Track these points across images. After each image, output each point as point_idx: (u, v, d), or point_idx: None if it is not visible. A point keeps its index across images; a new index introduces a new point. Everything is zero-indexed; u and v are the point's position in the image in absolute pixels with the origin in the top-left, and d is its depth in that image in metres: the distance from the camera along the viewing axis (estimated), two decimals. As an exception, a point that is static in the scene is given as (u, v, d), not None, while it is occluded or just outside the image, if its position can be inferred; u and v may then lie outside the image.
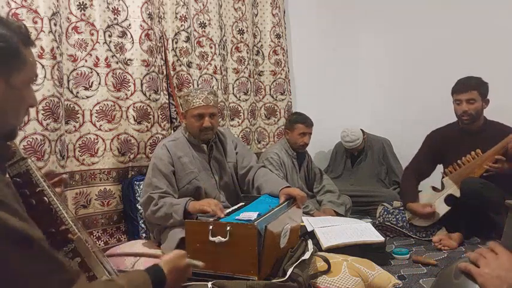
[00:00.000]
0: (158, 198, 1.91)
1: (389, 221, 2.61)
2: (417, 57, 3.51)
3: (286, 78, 3.42)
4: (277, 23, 3.37)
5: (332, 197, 2.89)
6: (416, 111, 3.45)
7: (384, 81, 3.77)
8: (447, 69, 3.08)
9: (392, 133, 3.53)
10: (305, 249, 1.74)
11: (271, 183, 2.05)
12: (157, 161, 2.02)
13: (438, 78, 3.14)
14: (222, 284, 1.39)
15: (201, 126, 2.04)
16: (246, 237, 1.44)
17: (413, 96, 3.51)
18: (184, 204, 1.82)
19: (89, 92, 2.33)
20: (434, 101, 3.13)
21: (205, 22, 2.88)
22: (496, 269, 0.78)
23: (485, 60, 2.91)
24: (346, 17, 3.86)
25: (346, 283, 1.64)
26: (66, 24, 2.26)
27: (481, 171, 2.34)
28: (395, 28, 3.63)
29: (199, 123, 2.04)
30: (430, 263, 2.05)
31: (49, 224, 0.92)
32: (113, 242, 2.38)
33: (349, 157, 3.53)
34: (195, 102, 2.04)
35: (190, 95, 2.07)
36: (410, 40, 3.55)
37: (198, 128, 2.05)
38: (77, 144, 2.30)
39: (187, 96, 2.08)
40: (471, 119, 2.41)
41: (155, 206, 1.91)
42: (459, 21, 3.18)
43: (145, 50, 2.46)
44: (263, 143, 3.38)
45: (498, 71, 2.79)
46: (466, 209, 2.35)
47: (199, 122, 2.04)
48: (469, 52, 3.09)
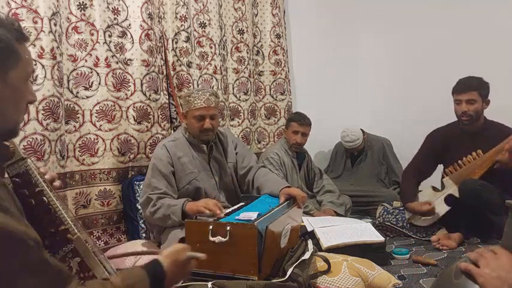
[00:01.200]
0: (156, 199, 1.91)
1: (389, 221, 2.61)
2: (417, 57, 3.50)
3: (286, 78, 3.42)
4: (277, 23, 3.37)
5: (332, 197, 2.89)
6: (416, 111, 3.45)
7: (383, 81, 3.77)
8: (447, 69, 3.08)
9: (392, 133, 3.53)
10: (305, 249, 1.74)
11: (271, 183, 2.05)
12: (156, 162, 2.02)
13: (438, 78, 3.14)
14: (222, 284, 1.39)
15: (202, 127, 2.05)
16: (246, 237, 1.44)
17: (413, 96, 3.51)
18: (181, 206, 1.82)
19: (89, 92, 2.33)
20: (434, 101, 3.13)
21: (205, 22, 2.88)
22: (497, 269, 0.78)
23: (485, 60, 2.91)
24: (346, 17, 3.86)
25: (346, 283, 1.64)
26: (66, 24, 2.26)
27: (481, 172, 2.34)
28: (395, 28, 3.63)
29: (200, 124, 2.04)
30: (430, 263, 2.05)
31: (48, 224, 0.92)
32: (113, 242, 2.38)
33: (349, 157, 3.53)
34: (197, 103, 2.04)
35: (191, 95, 2.07)
36: (410, 40, 3.54)
37: (199, 129, 2.05)
38: (77, 144, 2.30)
39: (188, 97, 2.08)
40: (470, 119, 2.41)
41: (153, 207, 1.91)
42: (459, 21, 3.18)
43: (145, 50, 2.46)
44: (263, 143, 3.38)
45: (498, 71, 2.78)
46: (466, 209, 2.35)
47: (200, 123, 2.04)
48: (469, 52, 3.09)
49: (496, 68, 2.81)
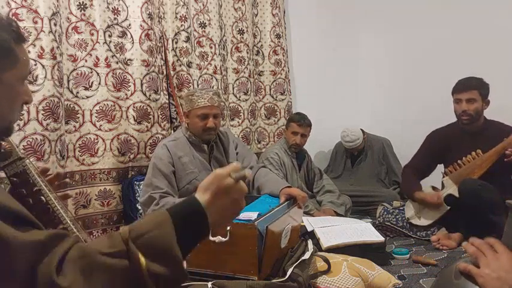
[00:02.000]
0: (159, 198, 1.91)
1: (389, 221, 2.61)
2: (417, 57, 3.50)
3: (286, 78, 3.42)
4: (277, 23, 3.37)
5: (332, 197, 2.89)
6: (416, 111, 3.45)
7: (384, 81, 3.77)
8: (447, 69, 3.08)
9: (392, 133, 3.53)
10: (305, 249, 1.74)
11: (272, 183, 2.05)
12: (157, 161, 2.02)
13: (438, 78, 3.14)
14: (222, 284, 1.39)
15: (205, 126, 2.05)
16: (246, 237, 1.44)
17: (413, 96, 3.51)
18: None
19: (89, 92, 2.33)
20: (434, 101, 3.12)
21: (205, 22, 2.88)
22: (497, 269, 0.78)
23: (485, 60, 2.91)
24: (346, 17, 3.86)
25: (346, 283, 1.64)
26: (66, 24, 2.26)
27: (481, 172, 2.34)
28: (395, 28, 3.63)
29: (203, 123, 2.04)
30: (430, 263, 2.05)
31: (47, 223, 0.92)
32: (112, 242, 2.37)
33: (349, 157, 3.53)
34: (200, 102, 2.04)
35: (194, 94, 2.06)
36: (410, 40, 3.54)
37: (202, 128, 2.05)
38: (77, 144, 2.30)
39: (191, 96, 2.08)
40: (471, 118, 2.40)
41: (157, 205, 1.90)
42: (459, 21, 3.18)
43: (145, 50, 2.46)
44: (263, 143, 3.37)
45: (498, 71, 2.78)
46: (465, 209, 2.34)
47: (203, 122, 2.04)
48: (469, 52, 3.09)
49: (496, 68, 2.81)
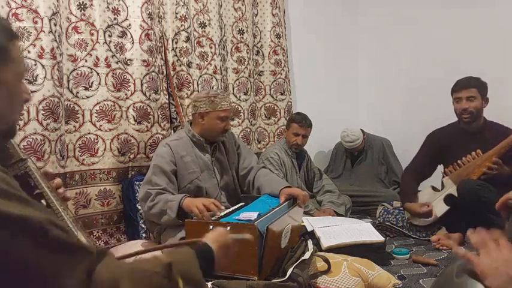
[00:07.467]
0: (156, 195, 1.89)
1: (389, 221, 2.61)
2: (417, 57, 3.51)
3: (286, 78, 3.42)
4: (277, 23, 3.36)
5: (332, 197, 2.89)
6: (417, 111, 3.45)
7: (384, 81, 3.77)
8: (447, 69, 3.08)
9: (392, 133, 3.53)
10: (305, 249, 1.74)
11: (272, 183, 2.05)
12: (158, 159, 2.02)
13: (438, 78, 3.14)
14: (222, 284, 1.39)
15: (224, 129, 2.09)
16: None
17: (414, 96, 3.51)
18: (178, 201, 1.80)
19: (89, 92, 2.33)
20: (435, 101, 3.13)
21: (205, 22, 2.87)
22: (497, 260, 0.78)
23: (485, 60, 2.91)
24: (346, 17, 3.86)
25: (346, 283, 1.64)
26: (66, 24, 2.25)
27: (480, 172, 2.34)
28: (395, 28, 3.63)
29: (223, 125, 2.08)
30: (430, 263, 2.05)
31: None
32: (112, 242, 2.38)
33: (349, 157, 3.53)
34: (223, 104, 2.08)
35: (218, 96, 2.08)
36: (410, 40, 3.55)
37: (221, 130, 2.09)
38: (77, 144, 2.30)
39: (214, 97, 2.07)
40: (471, 116, 2.40)
41: (151, 201, 1.89)
42: (459, 21, 3.18)
43: (145, 50, 2.46)
44: (263, 143, 3.37)
45: (498, 71, 2.79)
46: (466, 209, 2.34)
47: (223, 124, 2.08)
48: (469, 52, 3.09)
49: (496, 68, 2.81)
